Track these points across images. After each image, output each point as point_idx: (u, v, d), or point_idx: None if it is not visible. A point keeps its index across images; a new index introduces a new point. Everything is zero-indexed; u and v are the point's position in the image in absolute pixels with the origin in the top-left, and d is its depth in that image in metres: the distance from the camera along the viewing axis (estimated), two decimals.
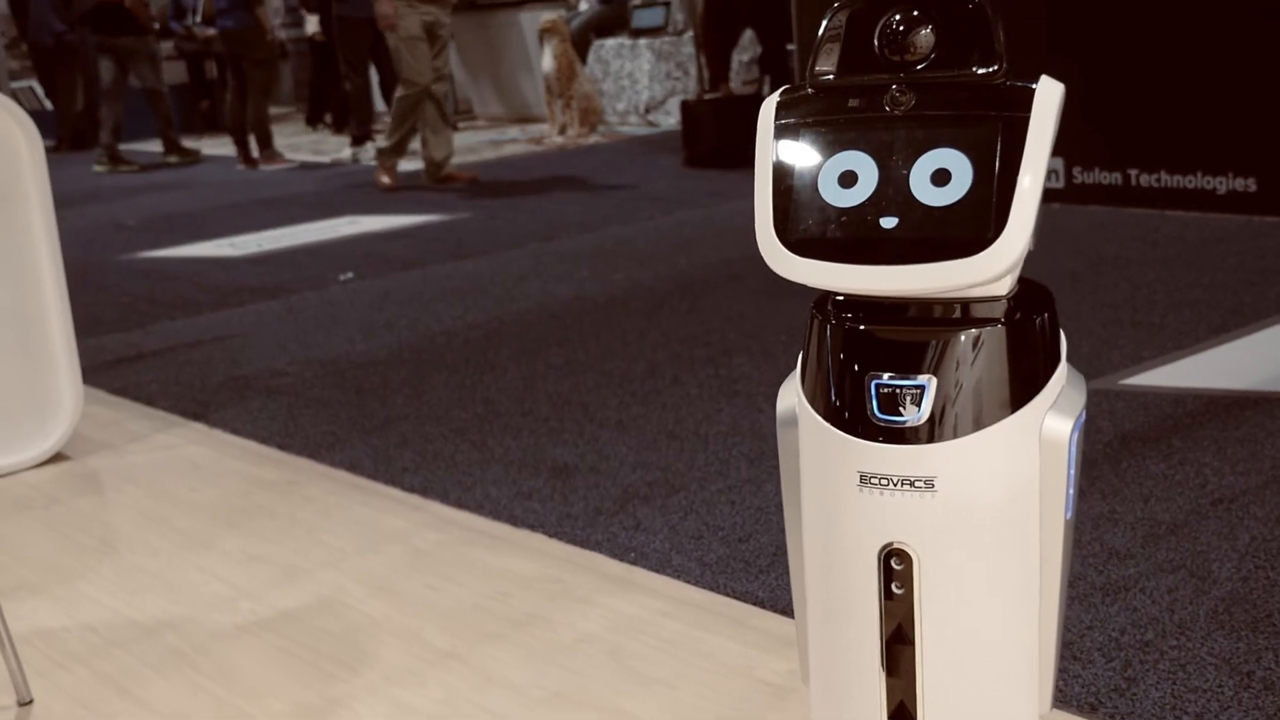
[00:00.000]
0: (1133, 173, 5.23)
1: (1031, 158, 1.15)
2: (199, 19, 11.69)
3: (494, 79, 11.55)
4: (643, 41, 10.05)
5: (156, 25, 10.45)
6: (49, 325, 3.24)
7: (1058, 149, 5.01)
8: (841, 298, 1.27)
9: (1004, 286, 1.21)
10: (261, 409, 3.57)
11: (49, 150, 3.42)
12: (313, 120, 11.95)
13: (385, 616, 2.32)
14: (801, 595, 1.36)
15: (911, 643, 1.25)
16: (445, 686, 2.06)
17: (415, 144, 7.75)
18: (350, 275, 5.28)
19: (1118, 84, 5.23)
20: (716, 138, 7.25)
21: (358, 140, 9.37)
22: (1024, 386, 1.22)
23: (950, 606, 1.24)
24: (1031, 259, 1.22)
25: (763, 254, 1.23)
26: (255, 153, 9.57)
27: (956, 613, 1.24)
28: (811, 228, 1.20)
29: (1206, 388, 3.14)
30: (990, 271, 1.14)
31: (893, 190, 1.17)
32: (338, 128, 11.01)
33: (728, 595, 2.30)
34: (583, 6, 10.68)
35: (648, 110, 10.05)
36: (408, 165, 7.98)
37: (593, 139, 9.45)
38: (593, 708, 1.97)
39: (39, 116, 11.32)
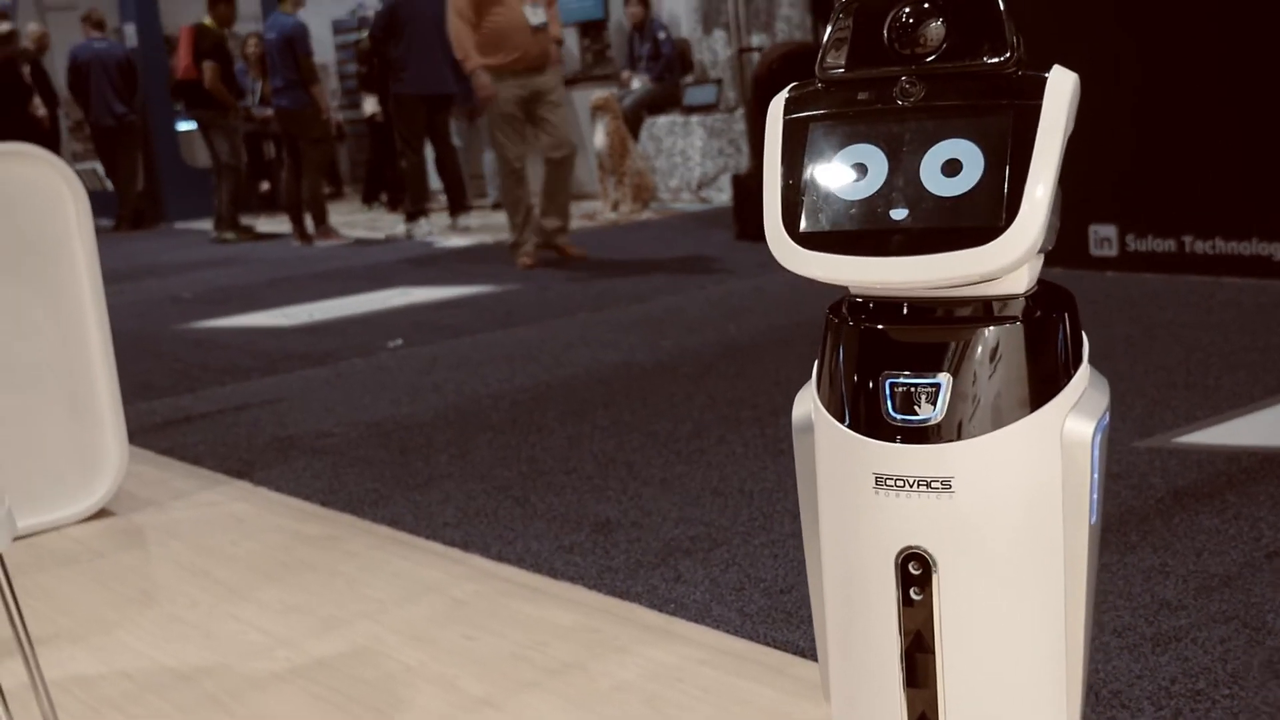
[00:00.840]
0: (1187, 239, 5.17)
1: (1044, 145, 1.13)
2: (258, 100, 11.94)
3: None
4: (695, 118, 10.14)
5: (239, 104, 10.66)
6: (95, 382, 3.27)
7: (1111, 216, 4.94)
8: (858, 300, 1.25)
9: (1021, 283, 1.18)
10: (306, 468, 3.57)
11: (108, 230, 3.48)
12: (368, 199, 12.12)
13: (421, 665, 2.29)
14: (820, 609, 1.32)
15: (932, 651, 1.21)
16: None
17: (465, 219, 7.79)
18: (399, 342, 5.30)
19: (1171, 150, 5.20)
20: None
21: (412, 216, 9.48)
22: (1043, 386, 1.19)
23: (971, 612, 1.20)
24: (1084, 323, 1.20)
25: (771, 250, 1.21)
26: (311, 229, 9.70)
27: (977, 619, 1.20)
28: (821, 221, 1.18)
29: (1261, 445, 3.07)
30: (1002, 260, 1.11)
31: (903, 181, 1.16)
32: (393, 205, 11.16)
33: (768, 645, 2.26)
34: (635, 84, 10.80)
35: (700, 187, 10.10)
36: (469, 239, 8.04)
37: (645, 215, 9.50)
38: None
39: (101, 197, 11.60)
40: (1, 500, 1.85)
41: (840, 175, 1.18)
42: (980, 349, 1.18)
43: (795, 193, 1.19)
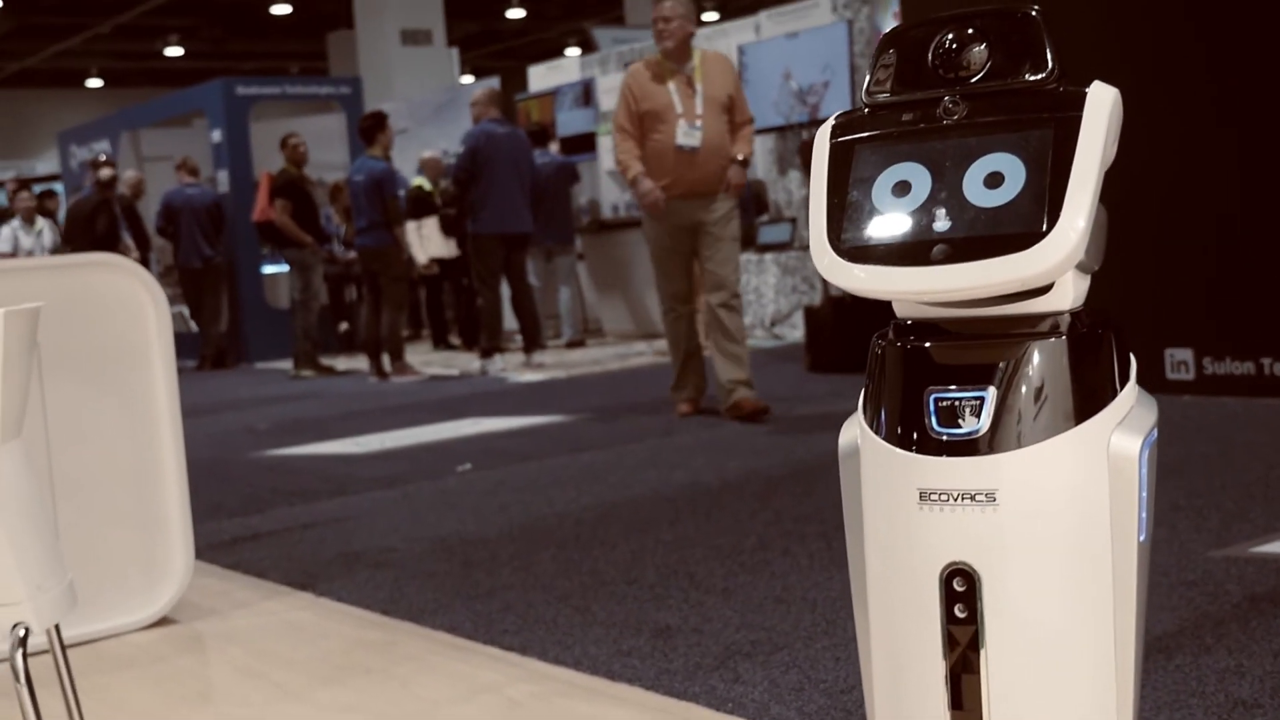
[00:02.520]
0: (1265, 362, 5.08)
1: (1085, 155, 1.13)
2: (341, 244, 12.24)
3: (623, 296, 11.80)
4: (769, 256, 10.22)
5: (320, 244, 10.87)
6: (165, 488, 3.30)
7: (1187, 339, 4.89)
8: (904, 324, 1.24)
9: (1066, 301, 1.17)
10: (368, 580, 3.56)
11: (190, 369, 3.55)
12: (438, 341, 12.30)
13: None
14: (866, 637, 1.28)
15: (977, 671, 1.16)
16: None
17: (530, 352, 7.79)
18: (468, 466, 5.32)
19: (1248, 272, 5.14)
20: (840, 342, 7.26)
21: (486, 353, 9.58)
22: (1088, 401, 1.17)
23: (1016, 630, 1.15)
24: (1160, 441, 1.19)
25: (817, 266, 1.21)
26: (387, 366, 9.84)
27: (1023, 637, 1.16)
28: (864, 235, 1.18)
29: None
30: (1043, 265, 1.10)
31: (946, 195, 1.16)
32: (467, 344, 11.30)
33: None
34: None
35: (773, 324, 10.14)
36: (543, 374, 8.08)
37: None
38: None
39: (186, 339, 11.89)
40: (64, 573, 1.87)
41: (885, 192, 1.19)
42: (1025, 363, 1.17)
43: (840, 210, 1.20)
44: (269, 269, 13.40)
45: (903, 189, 1.18)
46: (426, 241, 11.31)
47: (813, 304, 8.71)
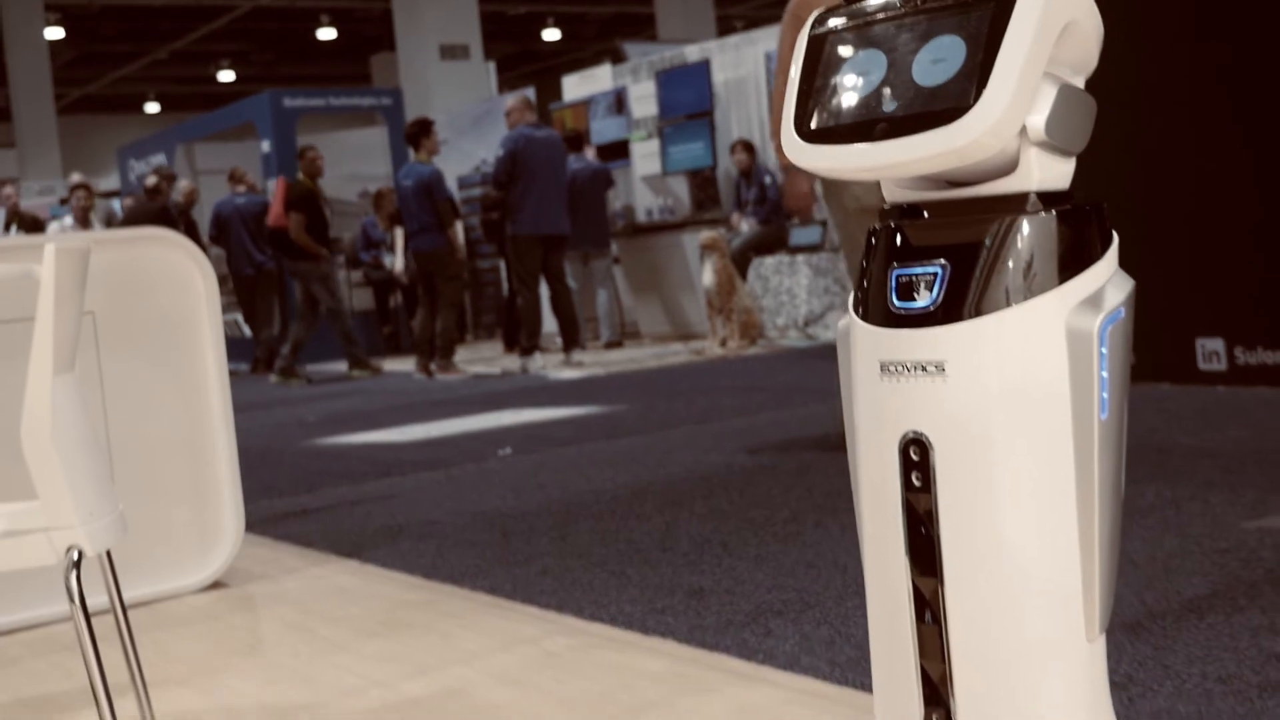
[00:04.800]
0: None
1: (1016, 29, 1.19)
2: (390, 250, 12.39)
3: (659, 298, 11.90)
4: (800, 258, 10.29)
5: (332, 253, 10.99)
6: (216, 457, 3.42)
7: (1218, 329, 4.89)
8: (897, 207, 1.32)
9: (1030, 181, 1.23)
10: (411, 549, 3.67)
11: (244, 374, 3.67)
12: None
13: (510, 702, 2.34)
14: (858, 508, 1.37)
15: (933, 537, 1.24)
16: None
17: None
18: (509, 450, 5.42)
19: (1278, 261, 5.17)
20: None
21: (526, 351, 9.70)
22: (1043, 279, 1.22)
23: (968, 500, 1.22)
24: (1188, 426, 1.23)
25: (785, 150, 1.30)
26: (434, 365, 10.00)
27: (976, 507, 1.22)
28: (826, 119, 1.27)
29: None
30: (969, 135, 1.17)
31: (896, 78, 1.24)
32: (508, 345, 11.42)
33: (858, 689, 2.26)
34: (743, 228, 11.01)
35: (806, 324, 10.20)
36: (581, 372, 8.15)
37: (752, 351, 9.61)
38: None
39: (239, 344, 12.07)
40: (115, 504, 1.97)
41: (847, 79, 1.27)
42: (981, 241, 1.23)
43: (807, 97, 1.29)
44: None
45: (861, 74, 1.27)
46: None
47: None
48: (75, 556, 1.81)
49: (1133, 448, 4.73)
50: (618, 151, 12.78)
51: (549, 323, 10.47)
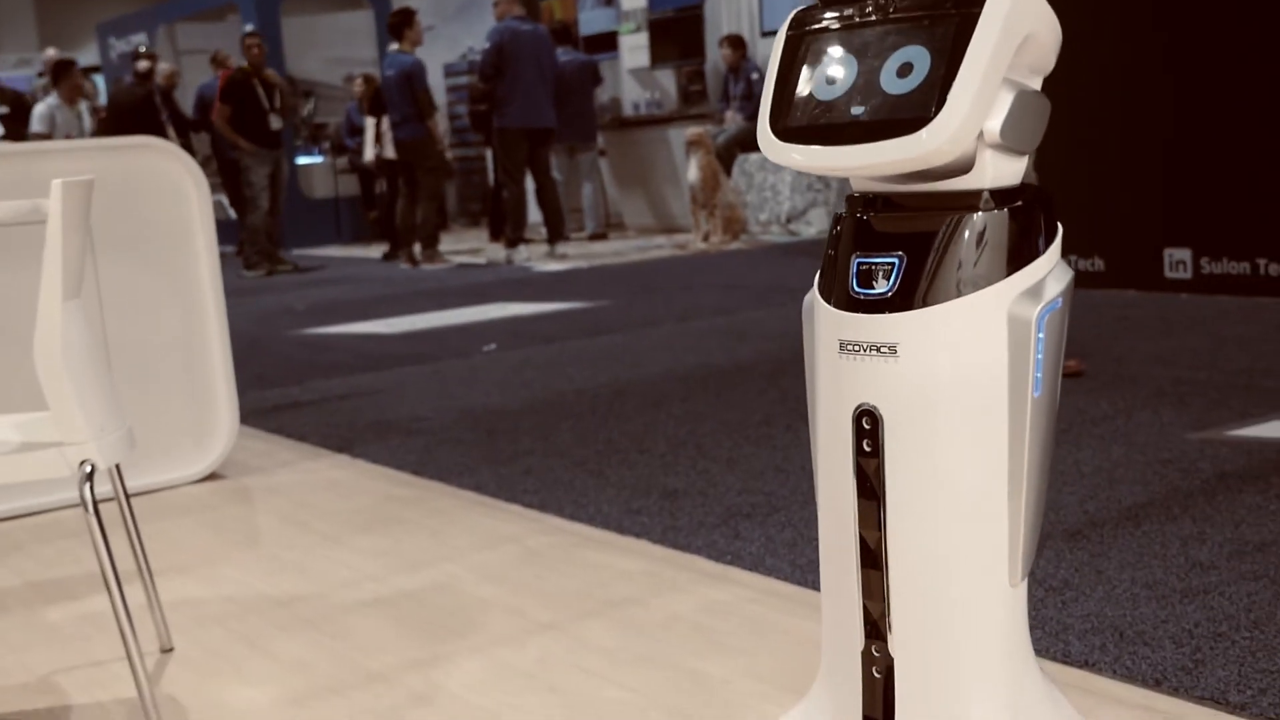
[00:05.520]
0: (1261, 262, 5.26)
1: (977, 45, 1.29)
2: (374, 138, 12.35)
3: (644, 192, 11.97)
4: None
5: (268, 145, 10.74)
6: (211, 354, 3.56)
7: (1185, 239, 5.04)
8: (863, 196, 1.45)
9: (984, 179, 1.36)
10: (400, 445, 3.83)
11: (230, 256, 3.77)
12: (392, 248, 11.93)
13: (494, 597, 2.51)
14: (815, 470, 1.52)
15: (880, 499, 1.40)
16: (543, 649, 2.24)
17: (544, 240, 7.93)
18: (493, 346, 5.57)
19: (1245, 174, 5.29)
20: None
21: (512, 243, 9.80)
22: (990, 271, 1.36)
23: (912, 464, 1.38)
24: (1148, 334, 1.35)
25: (760, 146, 1.42)
26: (418, 254, 10.09)
27: (918, 470, 1.38)
28: (799, 119, 1.39)
29: None
30: (929, 145, 1.29)
31: (864, 84, 1.36)
32: (494, 234, 11.51)
33: (816, 590, 2.43)
34: (729, 123, 11.05)
35: (789, 220, 10.31)
36: (565, 264, 8.26)
37: (735, 246, 9.72)
38: (674, 668, 2.12)
39: (226, 226, 12.09)
40: (124, 420, 2.11)
41: (819, 81, 1.39)
42: (935, 234, 1.36)
43: (782, 98, 1.40)
44: (303, 160, 13.56)
45: (834, 78, 1.38)
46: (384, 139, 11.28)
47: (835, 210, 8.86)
48: (88, 470, 1.93)
49: (1094, 354, 4.89)
50: (606, 43, 12.73)
51: (534, 214, 10.55)
